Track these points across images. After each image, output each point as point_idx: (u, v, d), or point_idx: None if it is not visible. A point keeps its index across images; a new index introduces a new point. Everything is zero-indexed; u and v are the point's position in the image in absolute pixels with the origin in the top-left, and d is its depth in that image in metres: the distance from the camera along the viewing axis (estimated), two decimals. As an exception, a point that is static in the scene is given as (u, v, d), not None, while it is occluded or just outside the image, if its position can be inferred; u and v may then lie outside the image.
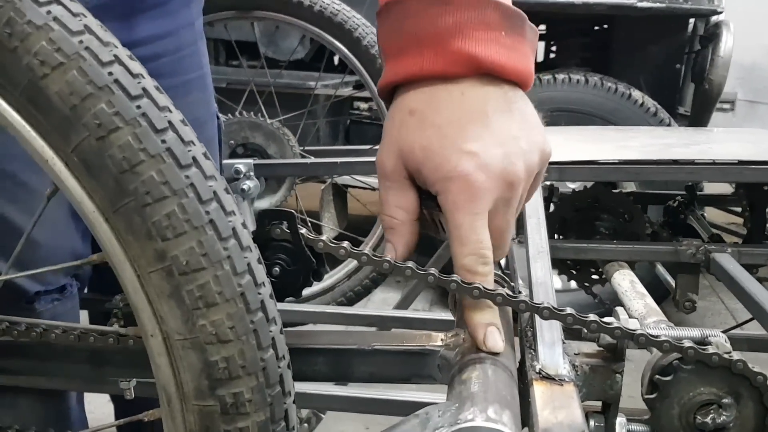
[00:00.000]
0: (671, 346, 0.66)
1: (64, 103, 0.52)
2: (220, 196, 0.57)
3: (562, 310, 0.67)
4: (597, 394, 0.71)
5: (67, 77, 0.52)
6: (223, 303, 0.55)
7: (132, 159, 0.53)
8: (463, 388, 0.63)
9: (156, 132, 0.53)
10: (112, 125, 0.52)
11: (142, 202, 0.53)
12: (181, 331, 0.55)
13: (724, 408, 0.68)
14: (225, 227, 0.56)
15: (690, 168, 1.06)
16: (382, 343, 0.74)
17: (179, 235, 0.54)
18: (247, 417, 0.57)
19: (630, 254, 1.14)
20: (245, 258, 0.57)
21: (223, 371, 0.56)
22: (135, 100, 0.53)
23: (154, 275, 0.55)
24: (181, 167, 0.54)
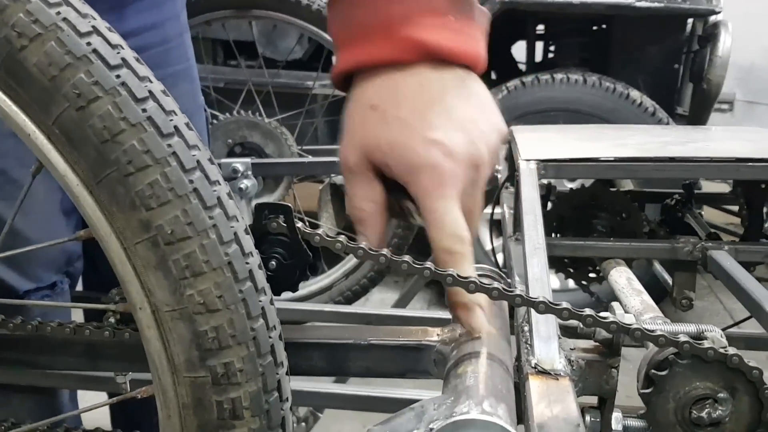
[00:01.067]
0: (667, 341, 0.66)
1: (43, 75, 0.52)
2: (204, 165, 0.56)
3: (557, 304, 0.67)
4: (593, 389, 0.71)
5: (46, 48, 0.52)
6: (210, 272, 0.55)
7: (113, 128, 0.53)
8: (459, 382, 0.63)
9: (136, 101, 0.53)
10: (91, 95, 0.52)
11: (124, 171, 0.53)
12: (170, 302, 0.55)
13: (719, 402, 0.68)
14: (210, 196, 0.56)
15: (687, 165, 1.06)
16: (378, 338, 0.74)
17: (163, 204, 0.54)
18: (238, 387, 0.57)
19: (627, 252, 1.14)
20: (231, 227, 0.57)
21: (213, 341, 0.56)
22: (114, 69, 0.53)
23: (140, 246, 0.54)
24: (163, 136, 0.54)
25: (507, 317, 0.81)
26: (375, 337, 0.75)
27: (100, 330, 0.66)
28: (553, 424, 0.58)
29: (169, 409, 0.57)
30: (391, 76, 0.68)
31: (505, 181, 1.41)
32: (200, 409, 0.57)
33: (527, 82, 2.65)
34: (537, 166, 1.06)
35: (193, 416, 0.57)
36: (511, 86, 2.67)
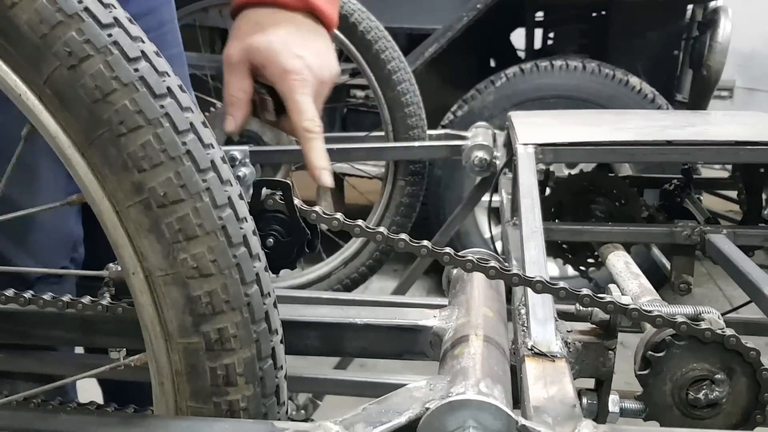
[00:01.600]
0: (664, 321, 0.66)
1: (33, 33, 0.51)
2: (197, 127, 0.56)
3: (555, 283, 0.67)
4: (590, 371, 0.71)
5: (36, 5, 0.51)
6: (203, 236, 0.54)
7: (104, 88, 0.52)
8: (455, 363, 0.63)
9: (129, 60, 0.53)
10: (83, 53, 0.52)
11: (116, 132, 0.53)
12: (162, 267, 0.54)
13: (716, 384, 0.68)
14: (203, 158, 0.55)
15: (685, 149, 1.05)
16: (374, 319, 0.74)
17: (156, 165, 0.53)
18: (232, 353, 0.56)
19: (625, 236, 1.13)
20: (225, 191, 0.56)
21: (207, 306, 0.55)
22: (106, 28, 0.52)
23: (133, 209, 0.54)
24: (156, 96, 0.53)
25: (504, 301, 0.81)
26: (371, 318, 0.75)
27: (94, 304, 0.66)
28: (549, 405, 0.58)
29: (162, 376, 0.57)
30: (275, 11, 0.96)
31: (503, 167, 1.40)
32: (193, 375, 0.57)
33: (526, 69, 2.64)
34: (535, 150, 1.05)
35: (187, 383, 0.57)
36: (510, 73, 2.65)
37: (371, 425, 0.54)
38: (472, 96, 2.69)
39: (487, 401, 0.54)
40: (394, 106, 1.81)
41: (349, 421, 0.55)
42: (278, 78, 0.95)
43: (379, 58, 1.78)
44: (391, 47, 1.80)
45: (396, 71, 1.80)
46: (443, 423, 0.54)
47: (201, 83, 2.06)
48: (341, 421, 0.55)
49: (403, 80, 1.81)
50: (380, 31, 1.80)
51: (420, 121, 1.84)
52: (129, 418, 0.59)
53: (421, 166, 1.86)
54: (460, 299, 0.78)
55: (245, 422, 0.57)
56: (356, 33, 1.79)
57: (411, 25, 2.87)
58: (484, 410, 0.54)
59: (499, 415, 0.54)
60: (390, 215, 1.87)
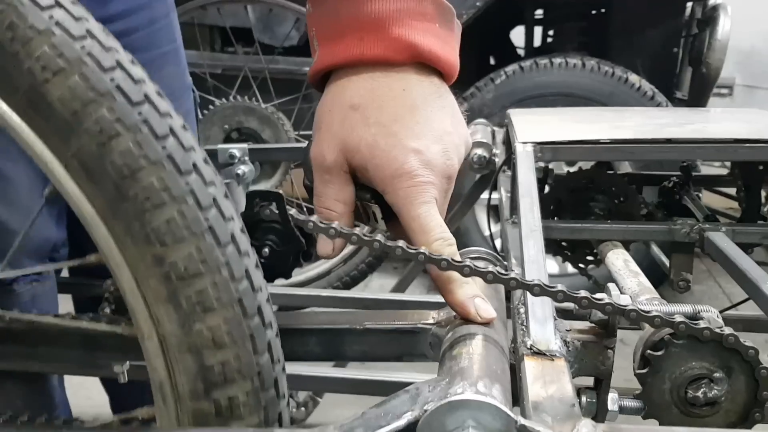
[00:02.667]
0: (662, 321, 0.66)
1: (65, 108, 0.51)
2: (219, 201, 0.56)
3: (552, 286, 0.67)
4: (589, 370, 0.71)
5: (70, 83, 0.51)
6: (220, 308, 0.55)
7: (132, 165, 0.52)
8: (454, 364, 0.63)
9: (157, 138, 0.53)
10: (113, 131, 0.52)
11: (141, 207, 0.53)
12: (178, 335, 0.55)
13: (715, 382, 0.68)
14: (224, 233, 0.55)
15: (684, 147, 1.05)
16: (373, 323, 0.74)
17: (178, 241, 0.53)
18: (241, 420, 0.57)
19: (624, 233, 1.14)
20: (243, 263, 0.57)
21: (219, 375, 0.56)
22: (137, 106, 0.53)
23: (152, 279, 0.54)
24: (182, 174, 0.54)
25: (503, 299, 0.81)
26: (371, 322, 0.75)
27: (96, 320, 0.66)
28: (548, 404, 0.58)
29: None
30: (374, 75, 0.68)
31: (502, 164, 1.40)
32: None
33: (525, 67, 2.64)
34: (534, 148, 1.06)
35: None
36: (509, 71, 2.65)
37: (370, 429, 0.54)
38: (472, 94, 2.69)
39: (486, 401, 0.54)
40: (394, 104, 1.81)
41: (349, 426, 0.55)
42: (386, 186, 0.68)
43: (378, 56, 1.78)
44: (390, 45, 1.80)
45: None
46: (442, 424, 0.54)
47: (201, 81, 2.06)
48: (340, 427, 0.55)
49: (402, 78, 1.81)
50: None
51: (419, 119, 1.83)
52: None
53: (421, 164, 1.86)
54: (459, 299, 0.78)
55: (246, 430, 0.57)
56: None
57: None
58: (483, 410, 0.54)
59: (498, 415, 0.54)
60: (389, 213, 1.87)
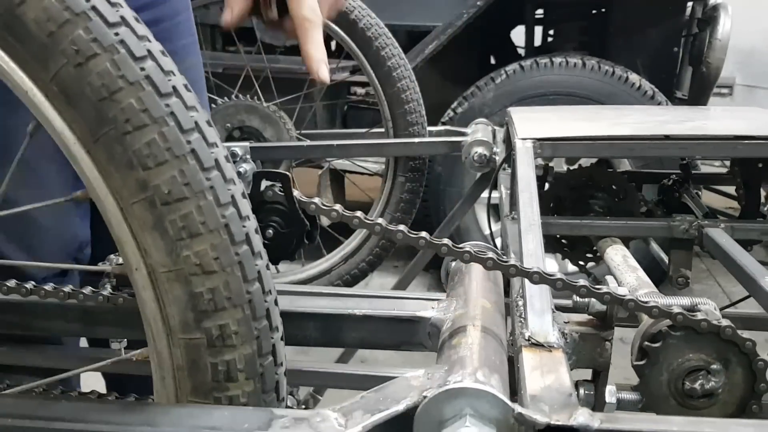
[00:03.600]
0: (660, 312, 0.67)
1: (41, 30, 0.52)
2: (202, 126, 0.56)
3: (551, 274, 0.67)
4: (587, 362, 0.71)
5: (44, 3, 0.51)
6: (206, 233, 0.55)
7: (111, 86, 0.53)
8: (453, 352, 0.64)
9: (135, 59, 0.53)
10: (90, 52, 0.52)
11: (122, 130, 0.53)
12: (166, 263, 0.55)
13: (712, 374, 0.68)
14: (207, 157, 0.55)
15: (683, 143, 1.06)
16: (373, 310, 0.74)
17: (160, 164, 0.54)
18: (233, 349, 0.57)
19: (623, 230, 1.14)
20: (229, 189, 0.57)
21: (209, 303, 0.56)
22: (113, 27, 0.53)
23: (137, 206, 0.54)
24: (161, 95, 0.54)
25: (502, 292, 0.82)
26: (371, 309, 0.76)
27: (95, 295, 0.67)
28: (545, 394, 0.58)
29: (164, 371, 0.58)
30: None
31: (502, 162, 1.41)
32: (195, 370, 0.57)
33: (526, 66, 2.64)
34: (533, 144, 1.06)
35: (188, 378, 0.57)
36: (509, 70, 2.66)
37: (369, 413, 0.55)
38: (472, 93, 2.69)
39: (484, 389, 0.55)
40: (394, 103, 1.82)
41: (348, 408, 0.56)
42: None
43: (379, 55, 1.79)
44: (391, 44, 1.81)
45: (396, 68, 1.81)
46: (440, 411, 0.55)
47: (201, 80, 2.06)
48: (339, 409, 0.56)
49: (403, 77, 1.82)
50: (380, 28, 1.80)
51: (420, 118, 1.84)
52: (130, 405, 0.59)
53: (421, 163, 1.86)
54: (458, 291, 0.79)
55: (245, 409, 0.57)
56: (356, 30, 1.79)
57: (411, 22, 2.88)
58: (481, 398, 0.55)
59: (496, 403, 0.54)
60: (390, 211, 1.87)
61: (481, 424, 0.54)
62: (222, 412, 0.56)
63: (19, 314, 0.78)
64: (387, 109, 1.83)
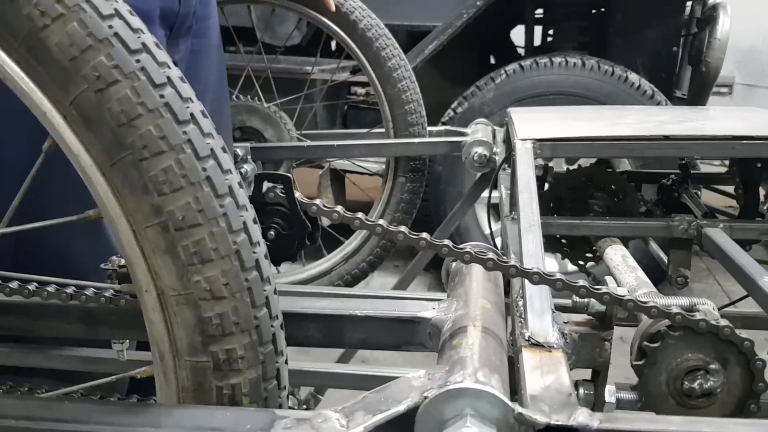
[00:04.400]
0: (659, 312, 0.67)
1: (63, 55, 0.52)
2: (217, 153, 0.57)
3: (551, 275, 0.68)
4: (586, 362, 0.72)
5: (68, 29, 0.52)
6: (218, 259, 0.56)
7: (130, 112, 0.53)
8: (453, 353, 0.64)
9: (155, 87, 0.54)
10: (111, 78, 0.53)
11: (139, 156, 0.54)
12: (176, 287, 0.56)
13: (711, 373, 0.69)
14: (222, 184, 0.56)
15: (682, 144, 1.06)
16: (374, 310, 0.75)
17: (176, 190, 0.54)
18: (239, 374, 0.58)
19: (622, 230, 1.15)
20: (241, 216, 0.57)
21: (217, 327, 0.57)
22: (134, 54, 0.54)
23: (150, 230, 0.55)
24: (179, 123, 0.55)
25: (502, 293, 0.82)
26: (372, 310, 0.76)
27: (97, 296, 0.67)
28: (545, 394, 0.59)
29: (169, 390, 0.58)
30: None
31: (502, 162, 1.41)
32: (200, 392, 0.58)
33: (526, 66, 2.65)
34: (533, 145, 1.06)
35: (192, 399, 0.58)
36: (509, 70, 2.66)
37: (371, 413, 0.55)
38: (472, 93, 2.69)
39: (485, 389, 0.55)
40: (395, 103, 1.82)
41: (349, 409, 0.56)
42: None
43: (379, 56, 1.79)
44: (391, 45, 1.81)
45: (396, 68, 1.81)
46: (441, 411, 0.55)
47: (202, 81, 2.07)
48: (341, 409, 0.56)
49: (403, 77, 1.82)
50: (380, 29, 1.80)
51: (420, 118, 1.85)
52: (133, 406, 0.60)
53: (421, 163, 1.87)
54: (458, 291, 0.79)
55: (247, 410, 0.58)
56: (357, 30, 1.79)
57: (411, 22, 2.88)
58: (482, 398, 0.55)
59: (496, 403, 0.55)
60: (390, 211, 1.88)
61: (481, 425, 0.54)
62: (224, 413, 0.56)
63: (22, 316, 0.78)
64: (387, 109, 1.83)
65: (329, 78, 2.41)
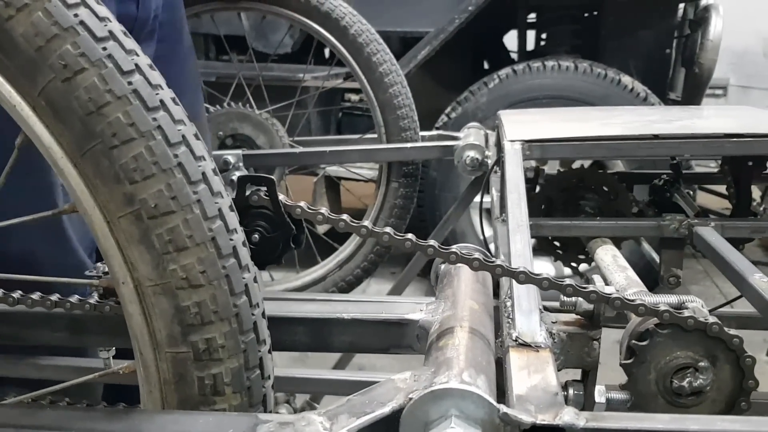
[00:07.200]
0: (647, 310, 0.67)
1: (29, 45, 0.52)
2: (189, 140, 0.56)
3: (538, 274, 0.67)
4: (575, 362, 0.71)
5: (33, 18, 0.52)
6: (193, 247, 0.55)
7: (98, 100, 0.53)
8: (440, 354, 0.64)
9: (122, 74, 0.54)
10: (77, 66, 0.52)
11: (108, 144, 0.53)
12: (152, 277, 0.55)
13: (700, 371, 0.68)
14: (195, 171, 0.56)
15: (672, 142, 1.06)
16: (361, 313, 0.74)
17: (147, 177, 0.54)
18: (220, 363, 0.57)
19: (613, 230, 1.14)
20: (216, 203, 0.57)
21: (195, 316, 0.56)
22: (101, 41, 0.53)
23: (123, 220, 0.55)
24: (149, 110, 0.54)
25: (491, 294, 0.82)
26: (359, 312, 0.76)
27: (81, 303, 0.67)
28: (532, 394, 0.58)
29: (151, 385, 0.58)
30: None
31: (493, 165, 1.41)
32: (182, 384, 0.57)
33: (519, 71, 2.65)
34: (522, 146, 1.06)
35: (174, 392, 0.57)
36: (502, 75, 2.66)
37: (355, 416, 0.55)
38: (466, 98, 2.70)
39: (469, 390, 0.55)
40: (387, 109, 1.82)
41: (333, 412, 0.56)
42: None
43: (370, 61, 1.79)
44: (383, 50, 1.81)
45: (388, 74, 1.81)
46: (426, 412, 0.55)
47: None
48: (325, 412, 0.56)
49: (395, 83, 1.82)
50: (371, 34, 1.81)
51: (412, 123, 1.85)
52: (115, 413, 0.59)
53: (414, 168, 1.87)
54: (446, 293, 0.79)
55: (229, 415, 0.57)
56: (347, 36, 1.80)
57: (404, 28, 2.89)
58: (467, 399, 0.55)
59: (481, 404, 0.54)
60: (384, 217, 1.87)
61: (466, 425, 0.54)
62: (207, 418, 0.56)
63: (6, 324, 0.78)
64: (379, 114, 1.83)
65: (321, 85, 2.41)
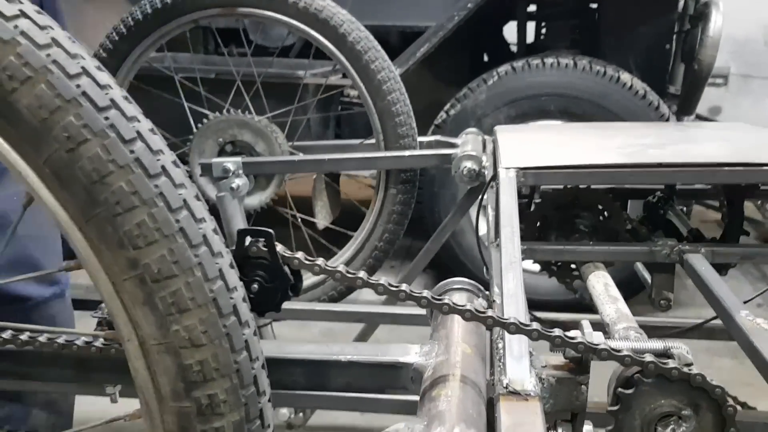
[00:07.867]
0: (632, 360, 0.69)
1: (33, 117, 0.54)
2: (190, 203, 0.59)
3: (528, 324, 0.70)
4: (564, 405, 0.74)
5: (36, 91, 0.54)
6: (195, 308, 0.58)
7: (101, 170, 0.55)
8: (432, 406, 0.66)
9: (125, 143, 0.56)
10: (81, 138, 0.54)
11: (112, 212, 0.56)
12: (156, 336, 0.58)
13: (683, 419, 0.71)
14: (196, 234, 0.58)
15: (665, 171, 1.08)
16: (357, 355, 0.77)
17: (150, 243, 0.56)
18: (222, 417, 0.60)
19: (606, 255, 1.16)
20: (216, 263, 0.59)
21: (198, 374, 0.58)
22: (103, 111, 0.55)
23: (128, 282, 0.57)
24: (151, 177, 0.57)
25: (483, 333, 0.84)
26: (355, 355, 0.78)
27: (88, 346, 0.69)
28: (520, 447, 0.61)
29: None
30: None
31: (489, 181, 1.43)
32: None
33: (518, 67, 2.65)
34: (516, 173, 1.08)
35: None
36: (501, 71, 2.66)
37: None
38: (465, 95, 2.70)
39: (460, 450, 0.57)
40: (385, 115, 1.83)
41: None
42: None
43: (368, 69, 1.80)
44: (381, 57, 1.82)
45: (386, 81, 1.82)
46: (418, 471, 0.57)
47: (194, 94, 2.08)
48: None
49: (393, 89, 1.83)
50: (369, 42, 1.81)
51: (410, 130, 1.86)
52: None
53: (412, 174, 1.88)
54: (440, 333, 0.81)
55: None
56: (346, 44, 1.80)
57: (403, 23, 2.88)
58: (457, 458, 0.57)
59: (471, 463, 0.57)
60: (382, 223, 1.90)
61: (456, 484, 0.56)
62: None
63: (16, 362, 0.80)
64: (378, 121, 1.85)
65: (322, 83, 2.41)
